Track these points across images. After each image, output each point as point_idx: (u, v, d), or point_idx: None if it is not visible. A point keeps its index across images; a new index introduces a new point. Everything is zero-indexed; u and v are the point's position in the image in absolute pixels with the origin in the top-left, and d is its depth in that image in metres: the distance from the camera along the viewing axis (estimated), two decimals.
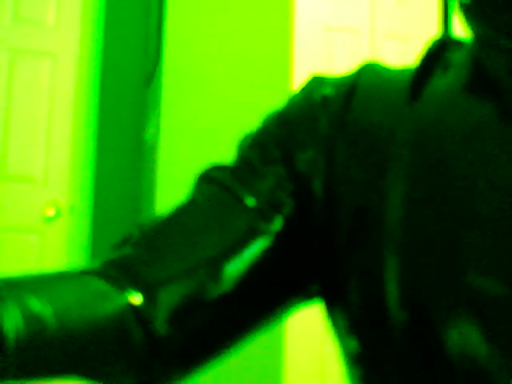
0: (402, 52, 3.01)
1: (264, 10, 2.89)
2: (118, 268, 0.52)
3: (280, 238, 0.56)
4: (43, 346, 0.43)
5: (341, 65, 2.95)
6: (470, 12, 0.51)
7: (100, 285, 0.50)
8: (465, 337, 0.46)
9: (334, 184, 0.56)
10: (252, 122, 2.82)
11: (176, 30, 2.83)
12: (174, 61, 2.82)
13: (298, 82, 2.88)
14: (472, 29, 0.53)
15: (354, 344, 0.54)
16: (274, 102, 2.85)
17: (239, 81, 2.85)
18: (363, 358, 0.53)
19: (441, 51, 0.58)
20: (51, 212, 3.48)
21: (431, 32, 3.00)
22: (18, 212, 3.48)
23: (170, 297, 0.51)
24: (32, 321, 0.43)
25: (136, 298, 0.50)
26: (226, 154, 2.78)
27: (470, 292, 0.47)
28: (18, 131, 3.52)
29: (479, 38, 0.52)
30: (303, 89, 0.61)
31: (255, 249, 0.55)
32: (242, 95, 2.85)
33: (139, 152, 3.61)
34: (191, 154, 2.79)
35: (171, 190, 2.75)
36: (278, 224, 0.56)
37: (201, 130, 2.81)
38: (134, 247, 0.54)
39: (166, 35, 2.83)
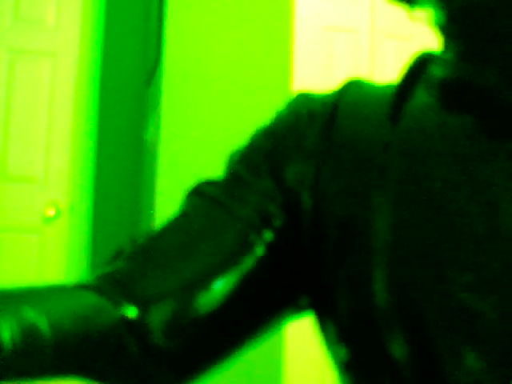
0: (402, 52, 3.01)
1: (264, 9, 2.89)
2: (111, 282, 0.53)
3: (271, 250, 0.56)
4: (38, 353, 0.43)
5: (341, 65, 2.95)
6: (445, 32, 0.54)
7: (94, 299, 0.50)
8: (455, 344, 0.47)
9: (321, 197, 0.56)
10: (251, 121, 2.81)
11: (176, 30, 2.83)
12: (174, 61, 2.82)
13: (297, 81, 2.88)
14: (450, 46, 0.54)
15: (343, 352, 0.54)
16: (274, 101, 2.85)
17: (239, 80, 2.85)
18: (353, 365, 0.54)
19: (423, 67, 0.59)
20: (51, 212, 3.49)
21: (431, 32, 2.99)
22: (18, 212, 3.49)
23: (164, 311, 0.52)
24: (27, 329, 0.43)
25: (130, 312, 0.51)
26: (225, 153, 2.78)
27: (455, 303, 0.47)
28: (18, 131, 3.52)
29: (458, 54, 0.53)
30: (290, 104, 0.62)
31: (246, 261, 0.55)
32: (242, 95, 2.85)
33: (139, 152, 3.61)
34: (191, 153, 2.79)
35: (171, 190, 2.75)
36: (268, 236, 0.56)
37: (201, 130, 2.81)
38: (127, 262, 0.55)
39: (165, 35, 2.83)
